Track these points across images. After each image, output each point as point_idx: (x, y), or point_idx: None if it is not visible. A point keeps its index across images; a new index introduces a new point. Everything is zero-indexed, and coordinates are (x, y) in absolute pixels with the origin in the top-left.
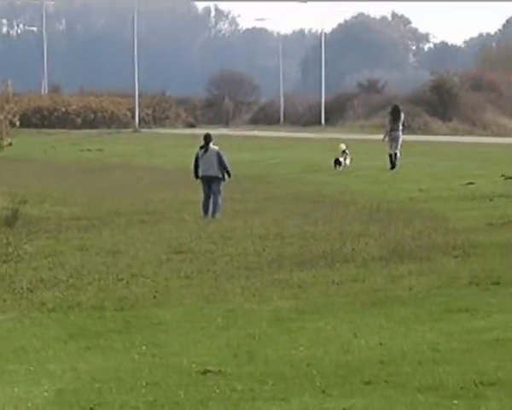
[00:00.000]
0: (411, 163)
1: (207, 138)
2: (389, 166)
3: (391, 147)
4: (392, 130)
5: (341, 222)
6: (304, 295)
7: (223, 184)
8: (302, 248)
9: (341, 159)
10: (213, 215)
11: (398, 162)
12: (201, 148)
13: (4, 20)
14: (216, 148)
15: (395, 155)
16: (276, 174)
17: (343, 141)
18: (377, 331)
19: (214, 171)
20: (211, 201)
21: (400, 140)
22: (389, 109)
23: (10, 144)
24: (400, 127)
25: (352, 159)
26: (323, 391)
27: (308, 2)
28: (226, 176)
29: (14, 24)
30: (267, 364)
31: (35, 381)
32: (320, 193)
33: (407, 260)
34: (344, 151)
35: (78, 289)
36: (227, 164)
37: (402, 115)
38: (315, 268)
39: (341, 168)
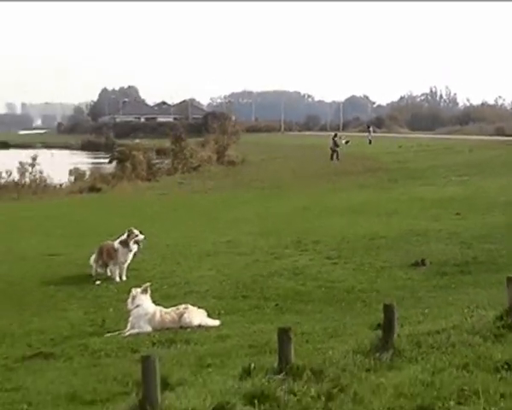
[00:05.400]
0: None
1: (336, 135)
2: (367, 142)
3: (369, 136)
4: (368, 130)
5: (350, 163)
6: (339, 183)
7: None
8: (337, 170)
9: (339, 140)
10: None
11: (372, 142)
12: (334, 138)
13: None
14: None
15: (370, 140)
16: (321, 147)
17: (344, 136)
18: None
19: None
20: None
21: (372, 134)
22: (367, 124)
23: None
24: (371, 129)
25: (348, 141)
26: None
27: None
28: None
29: (215, 99)
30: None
31: (239, 230)
32: (341, 154)
33: (378, 171)
34: (341, 138)
35: (262, 181)
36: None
37: (371, 126)
38: (343, 176)
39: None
